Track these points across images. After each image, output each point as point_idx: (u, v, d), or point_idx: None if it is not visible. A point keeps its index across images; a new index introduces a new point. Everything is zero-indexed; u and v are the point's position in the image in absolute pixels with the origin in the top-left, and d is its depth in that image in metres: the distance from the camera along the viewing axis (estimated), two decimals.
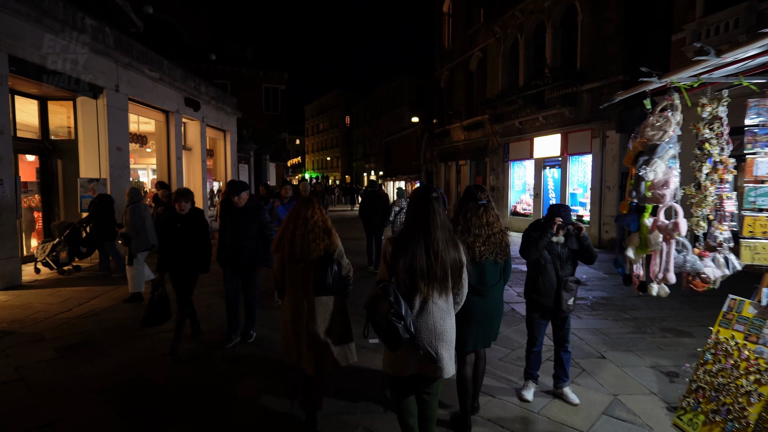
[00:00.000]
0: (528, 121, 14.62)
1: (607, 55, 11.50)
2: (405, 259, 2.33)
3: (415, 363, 2.36)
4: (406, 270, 2.32)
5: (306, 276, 2.96)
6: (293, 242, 2.94)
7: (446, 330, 2.38)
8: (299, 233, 2.94)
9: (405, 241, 2.38)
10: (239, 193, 4.36)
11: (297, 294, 2.98)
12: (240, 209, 4.40)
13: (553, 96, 13.14)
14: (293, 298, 3.00)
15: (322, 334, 2.94)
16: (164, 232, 4.35)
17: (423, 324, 2.34)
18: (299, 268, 2.98)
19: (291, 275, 3.02)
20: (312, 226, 2.96)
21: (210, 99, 14.15)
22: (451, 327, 2.42)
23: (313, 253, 2.93)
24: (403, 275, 2.34)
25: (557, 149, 13.30)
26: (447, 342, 2.38)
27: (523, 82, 14.92)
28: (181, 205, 4.29)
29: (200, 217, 4.44)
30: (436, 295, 2.35)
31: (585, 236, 3.32)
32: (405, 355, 2.35)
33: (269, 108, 25.17)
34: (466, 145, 19.24)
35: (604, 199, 11.68)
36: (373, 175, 45.73)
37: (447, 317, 2.39)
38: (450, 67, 20.65)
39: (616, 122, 11.24)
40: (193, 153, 13.68)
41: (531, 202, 15.28)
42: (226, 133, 16.28)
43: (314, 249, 2.93)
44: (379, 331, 2.30)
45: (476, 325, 2.93)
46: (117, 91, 9.20)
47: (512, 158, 15.81)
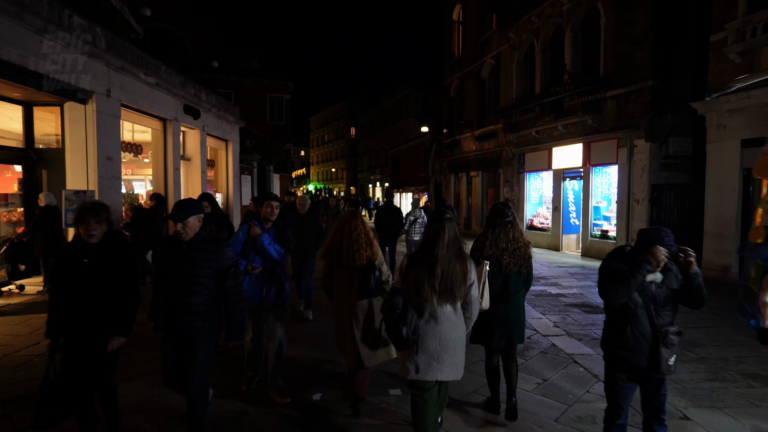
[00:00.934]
0: (546, 130, 13.84)
1: (634, 59, 10.74)
2: (413, 273, 2.62)
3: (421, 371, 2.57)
4: (414, 283, 2.60)
5: (351, 281, 3.28)
6: (341, 251, 3.27)
7: (451, 339, 2.58)
8: (345, 243, 3.27)
9: (416, 257, 2.68)
10: (185, 218, 2.73)
11: (344, 297, 3.32)
12: (187, 243, 2.79)
13: (573, 103, 12.38)
14: (340, 301, 3.36)
15: (365, 332, 3.23)
16: (61, 272, 2.71)
17: (430, 331, 2.57)
18: (345, 274, 3.31)
19: (338, 280, 3.37)
20: (356, 236, 3.27)
21: (211, 107, 13.49)
22: (457, 337, 2.61)
23: (357, 261, 3.24)
24: (411, 286, 2.62)
25: (578, 159, 12.48)
26: (451, 350, 2.58)
27: (540, 90, 14.18)
28: (88, 229, 2.63)
29: (121, 247, 2.80)
30: (442, 306, 2.59)
31: (696, 273, 2.44)
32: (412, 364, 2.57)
33: (274, 118, 24.60)
34: (478, 156, 18.47)
35: (632, 213, 10.82)
36: (379, 187, 45.11)
37: (454, 328, 2.60)
38: (460, 75, 20.00)
39: (646, 130, 10.44)
40: (192, 163, 12.97)
41: (549, 216, 14.43)
42: (228, 143, 15.60)
43: (358, 258, 3.24)
44: (388, 331, 2.58)
45: (500, 327, 3.24)
46: (108, 96, 8.52)
47: (528, 169, 15.00)
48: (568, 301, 6.94)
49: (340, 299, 3.35)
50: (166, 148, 11.14)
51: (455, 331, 2.60)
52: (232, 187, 15.64)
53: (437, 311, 2.58)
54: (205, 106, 13.06)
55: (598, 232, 12.09)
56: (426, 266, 2.57)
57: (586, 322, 5.82)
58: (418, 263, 2.62)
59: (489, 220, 3.34)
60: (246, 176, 17.34)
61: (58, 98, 7.89)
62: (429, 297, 2.56)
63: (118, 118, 8.90)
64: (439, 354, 2.55)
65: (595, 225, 12.22)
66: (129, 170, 11.66)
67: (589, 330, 5.46)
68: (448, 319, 2.59)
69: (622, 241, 11.04)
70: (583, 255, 12.32)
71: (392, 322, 2.52)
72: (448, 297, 2.58)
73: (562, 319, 5.91)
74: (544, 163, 14.08)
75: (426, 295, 2.56)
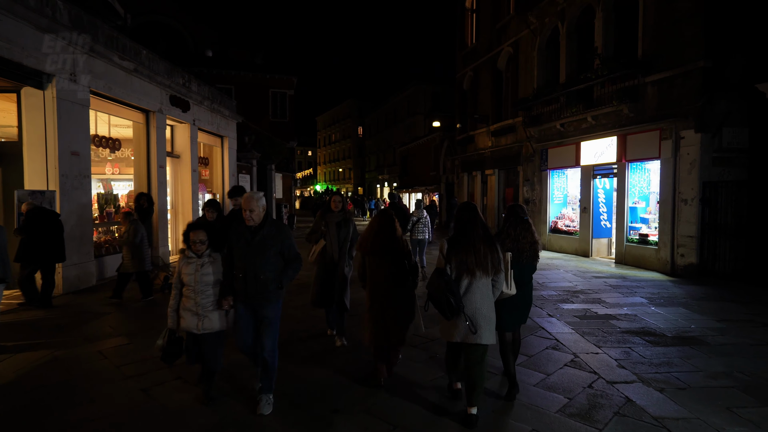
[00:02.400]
0: (572, 122, 12.45)
1: (681, 38, 9.33)
2: (455, 254, 3.20)
3: (461, 333, 3.15)
4: (457, 262, 3.19)
5: (387, 270, 3.77)
6: (374, 242, 3.80)
7: (485, 306, 3.18)
8: (378, 235, 3.82)
9: (455, 240, 3.26)
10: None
11: (378, 283, 3.80)
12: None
13: (606, 91, 10.98)
14: (374, 287, 3.82)
15: (398, 312, 3.75)
16: None
17: (468, 301, 3.16)
18: (378, 263, 3.79)
19: (371, 268, 3.83)
20: (388, 233, 3.80)
21: (203, 99, 12.31)
22: (489, 306, 3.21)
23: (388, 250, 3.77)
24: (454, 265, 3.20)
25: (612, 155, 11.09)
26: (484, 316, 3.16)
27: (566, 78, 12.80)
28: None
29: None
30: (477, 280, 3.17)
31: None
32: (453, 327, 3.17)
33: (276, 115, 23.44)
34: (494, 153, 17.10)
35: (678, 214, 9.41)
36: (387, 187, 43.96)
37: (486, 298, 3.21)
38: (474, 66, 18.65)
39: (696, 119, 9.03)
40: (182, 161, 11.80)
41: (576, 218, 13.04)
42: (224, 139, 14.43)
43: (389, 249, 3.77)
44: (438, 304, 3.12)
45: (514, 311, 3.65)
46: (74, 81, 7.35)
47: (552, 166, 13.61)
48: (623, 326, 5.59)
49: (374, 286, 3.81)
50: (149, 143, 9.98)
51: (487, 301, 3.20)
52: (228, 186, 14.45)
53: (473, 284, 3.17)
54: (196, 98, 11.88)
55: (635, 237, 10.68)
56: (466, 248, 3.17)
57: (658, 359, 4.48)
58: (458, 245, 3.21)
59: (507, 219, 3.80)
60: (244, 175, 16.17)
61: (13, 83, 6.73)
62: (469, 273, 3.14)
63: (86, 107, 7.74)
64: (473, 318, 3.13)
65: (632, 228, 10.81)
66: (116, 169, 10.52)
67: (667, 373, 4.12)
68: (481, 291, 3.18)
69: (666, 247, 9.63)
70: (617, 262, 10.92)
71: (443, 294, 3.05)
72: (485, 272, 3.16)
73: (625, 355, 4.58)
74: (570, 160, 12.69)
75: (467, 272, 3.15)
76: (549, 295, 7.43)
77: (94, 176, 10.14)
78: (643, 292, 7.54)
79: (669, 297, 7.22)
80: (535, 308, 6.50)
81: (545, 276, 9.21)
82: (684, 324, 5.70)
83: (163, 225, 10.38)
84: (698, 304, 6.76)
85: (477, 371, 3.17)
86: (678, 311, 6.32)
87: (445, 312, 3.08)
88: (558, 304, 6.81)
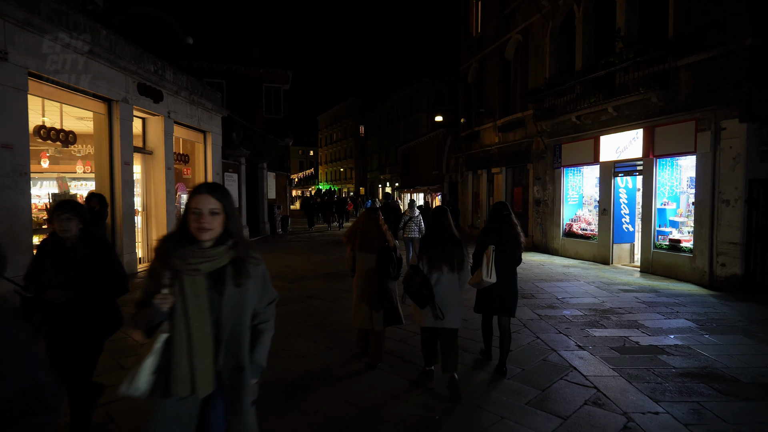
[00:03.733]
0: (590, 114, 11.18)
1: (722, 13, 8.05)
2: (426, 252, 3.75)
3: (431, 319, 3.69)
4: (427, 259, 3.73)
5: (371, 263, 4.19)
6: (361, 238, 4.25)
7: (451, 296, 3.70)
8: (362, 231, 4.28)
9: (427, 240, 3.85)
10: None
11: (364, 274, 4.24)
12: None
13: (630, 78, 9.71)
14: (360, 278, 4.27)
15: (381, 300, 4.20)
16: None
17: (437, 292, 3.66)
18: (366, 257, 4.23)
19: (360, 261, 4.27)
20: (372, 228, 4.26)
21: (179, 89, 11.11)
22: (455, 296, 3.73)
23: (372, 246, 4.20)
24: (426, 262, 3.72)
25: (637, 149, 9.80)
26: (451, 305, 3.68)
27: (582, 65, 11.53)
28: None
29: None
30: (444, 275, 3.69)
31: None
32: (425, 314, 3.71)
33: (270, 110, 22.24)
34: (502, 150, 15.83)
35: (718, 217, 8.13)
36: (388, 187, 42.82)
37: (453, 290, 3.72)
38: (480, 57, 17.39)
39: (740, 107, 7.74)
40: (155, 157, 10.61)
41: (593, 220, 11.76)
42: (207, 135, 13.24)
43: (373, 244, 4.20)
44: (413, 295, 3.66)
45: (498, 297, 4.09)
46: (4, 59, 6.16)
47: (566, 163, 12.34)
48: (678, 365, 4.32)
49: (361, 277, 4.28)
50: (112, 136, 8.78)
51: (454, 292, 3.74)
52: None
53: (441, 277, 3.70)
54: (171, 87, 10.68)
55: (664, 242, 9.39)
56: (435, 247, 3.75)
57: (744, 422, 3.22)
58: (429, 244, 3.80)
59: (492, 215, 4.30)
60: (231, 174, 14.97)
61: None
62: (437, 269, 3.70)
63: (23, 91, 6.53)
64: (444, 306, 3.67)
65: (660, 233, 9.52)
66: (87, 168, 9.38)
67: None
68: (448, 282, 3.71)
69: (702, 255, 8.35)
70: (643, 271, 9.64)
71: (417, 287, 3.60)
72: (450, 267, 3.70)
73: (697, 417, 3.32)
74: (587, 156, 11.41)
75: (435, 267, 3.70)
76: (573, 315, 6.17)
77: (47, 174, 9.06)
78: (687, 313, 6.26)
79: (721, 320, 5.94)
80: (559, 335, 5.25)
81: (564, 289, 7.95)
82: (757, 362, 4.43)
83: (129, 229, 9.19)
84: (762, 330, 5.47)
85: (451, 348, 3.74)
86: (740, 341, 5.05)
87: (419, 301, 3.65)
88: (586, 329, 5.55)
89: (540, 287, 8.11)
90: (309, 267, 10.53)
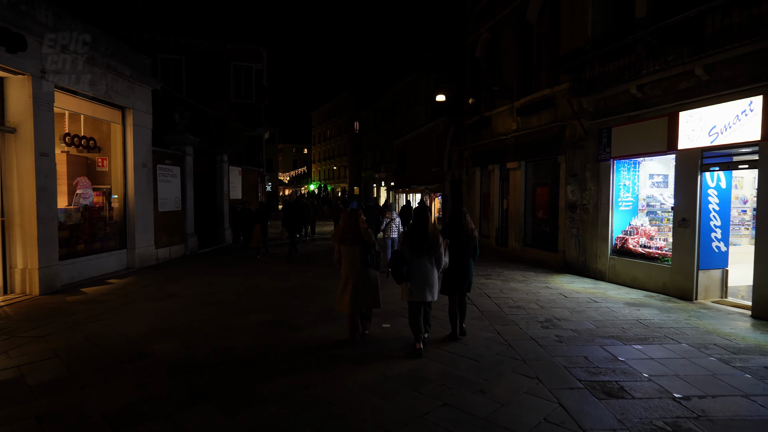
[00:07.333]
0: (661, 81, 7.77)
1: None
2: (409, 241, 4.89)
3: (413, 295, 4.84)
4: (409, 246, 4.86)
5: (354, 255, 5.07)
6: (344, 234, 5.09)
7: (429, 277, 4.84)
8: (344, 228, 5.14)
9: (410, 232, 4.94)
10: None
11: (349, 265, 5.11)
12: None
13: (735, 21, 6.31)
14: (345, 268, 5.14)
15: (364, 289, 5.12)
16: None
17: (417, 273, 4.81)
18: (349, 250, 5.09)
19: (345, 254, 5.13)
20: (353, 225, 5.11)
21: (70, 41, 7.64)
22: (433, 277, 4.88)
23: (354, 240, 5.06)
24: (408, 248, 4.86)
25: (749, 129, 6.40)
26: (429, 284, 4.83)
27: (647, 11, 8.10)
28: None
29: None
30: (424, 260, 4.83)
31: None
32: (407, 291, 4.88)
33: (240, 95, 18.79)
34: (521, 138, 12.39)
35: None
36: (383, 186, 39.48)
37: (430, 272, 4.86)
38: (491, 25, 13.95)
39: None
40: (19, 137, 7.16)
41: (658, 234, 8.32)
42: (127, 112, 9.77)
43: (356, 239, 5.06)
44: (395, 275, 4.80)
45: (456, 281, 5.29)
46: None
47: (617, 154, 8.91)
48: None
49: (346, 268, 5.13)
50: None
51: (431, 274, 4.86)
52: (133, 182, 9.79)
53: (420, 262, 4.83)
54: (49, 35, 7.23)
55: None
56: (415, 237, 4.85)
57: None
58: (411, 235, 4.89)
59: (451, 217, 5.45)
60: (170, 167, 11.47)
61: None
62: (417, 255, 4.82)
63: None
64: (422, 285, 4.81)
65: None
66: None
67: None
68: (425, 266, 4.84)
69: None
70: (756, 317, 6.24)
71: (398, 266, 4.76)
72: (429, 254, 4.84)
73: None
74: (654, 142, 7.99)
75: (416, 254, 4.82)
76: None
77: None
78: None
79: None
80: None
81: (660, 362, 4.51)
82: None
83: None
84: None
85: (428, 316, 5.09)
86: None
87: (399, 279, 4.82)
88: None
89: (616, 355, 4.69)
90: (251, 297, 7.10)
